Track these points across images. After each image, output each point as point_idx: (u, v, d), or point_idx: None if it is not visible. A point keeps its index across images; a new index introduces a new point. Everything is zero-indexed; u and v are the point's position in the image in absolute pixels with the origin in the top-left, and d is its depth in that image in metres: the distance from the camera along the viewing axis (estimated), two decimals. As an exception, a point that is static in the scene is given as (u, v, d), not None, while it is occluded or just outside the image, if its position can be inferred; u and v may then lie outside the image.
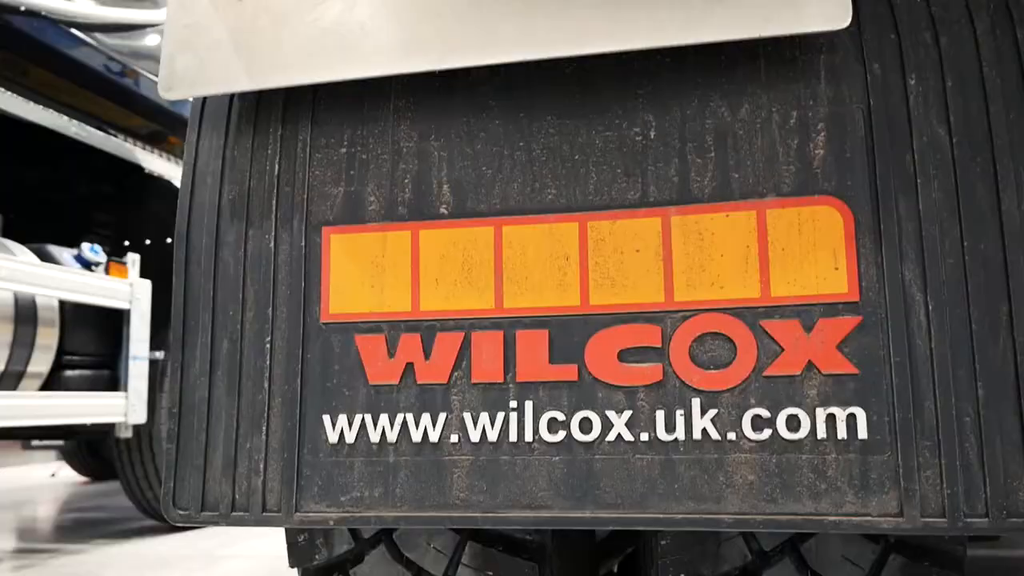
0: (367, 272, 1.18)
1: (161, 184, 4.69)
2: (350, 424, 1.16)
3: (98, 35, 4.24)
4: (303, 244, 1.21)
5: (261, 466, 1.16)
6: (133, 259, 4.24)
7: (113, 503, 5.57)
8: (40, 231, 4.77)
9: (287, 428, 1.17)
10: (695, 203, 1.12)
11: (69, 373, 4.05)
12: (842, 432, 1.03)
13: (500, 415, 1.12)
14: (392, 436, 1.14)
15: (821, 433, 1.04)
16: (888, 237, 1.05)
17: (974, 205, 1.04)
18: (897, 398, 1.02)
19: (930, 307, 1.03)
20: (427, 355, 1.15)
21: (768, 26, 1.05)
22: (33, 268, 3.69)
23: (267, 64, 1.19)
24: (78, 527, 4.91)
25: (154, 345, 4.36)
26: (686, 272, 1.10)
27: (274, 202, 1.23)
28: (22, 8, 3.70)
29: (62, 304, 3.95)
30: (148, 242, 4.74)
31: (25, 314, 3.86)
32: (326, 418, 1.16)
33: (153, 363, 4.37)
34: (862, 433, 1.03)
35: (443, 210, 1.18)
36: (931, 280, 1.04)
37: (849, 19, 1.02)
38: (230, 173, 1.25)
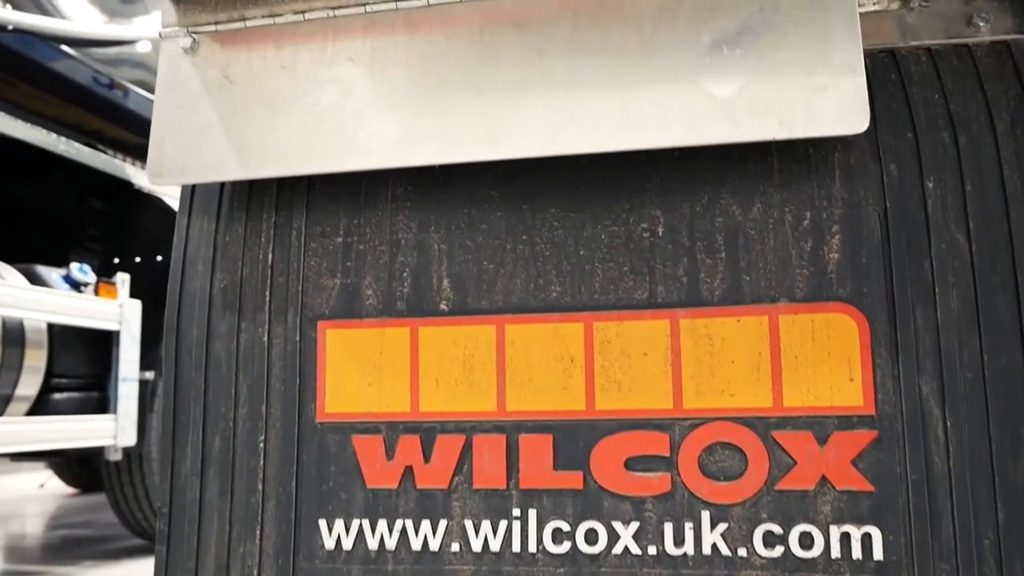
0: (364, 370, 1.14)
1: (151, 200, 4.62)
2: (347, 529, 1.12)
3: (85, 50, 4.17)
4: (298, 338, 1.16)
5: (255, 572, 1.12)
6: (123, 279, 4.18)
7: (101, 519, 5.51)
8: (28, 248, 4.70)
9: (281, 532, 1.13)
10: (705, 306, 1.08)
11: (57, 396, 3.99)
12: (857, 552, 1.00)
13: (503, 523, 1.08)
14: (391, 543, 1.10)
15: (835, 552, 1.00)
16: (905, 348, 1.02)
17: (994, 316, 1.01)
18: (914, 517, 0.99)
19: (948, 423, 1.00)
20: (427, 458, 1.11)
21: (782, 129, 1.01)
22: (21, 292, 3.63)
23: (260, 152, 1.14)
24: (66, 546, 4.86)
25: (144, 365, 4.30)
26: (695, 378, 1.07)
27: (267, 293, 1.18)
28: (9, 27, 3.63)
29: (50, 326, 3.88)
30: (138, 259, 4.67)
31: (13, 336, 3.80)
32: (322, 523, 1.12)
33: (143, 383, 4.32)
34: (878, 553, 0.99)
35: (443, 306, 1.14)
36: (949, 394, 1.00)
37: (866, 124, 0.99)
38: (222, 261, 1.20)
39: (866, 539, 1.00)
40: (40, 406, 3.94)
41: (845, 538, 1.00)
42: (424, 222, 1.17)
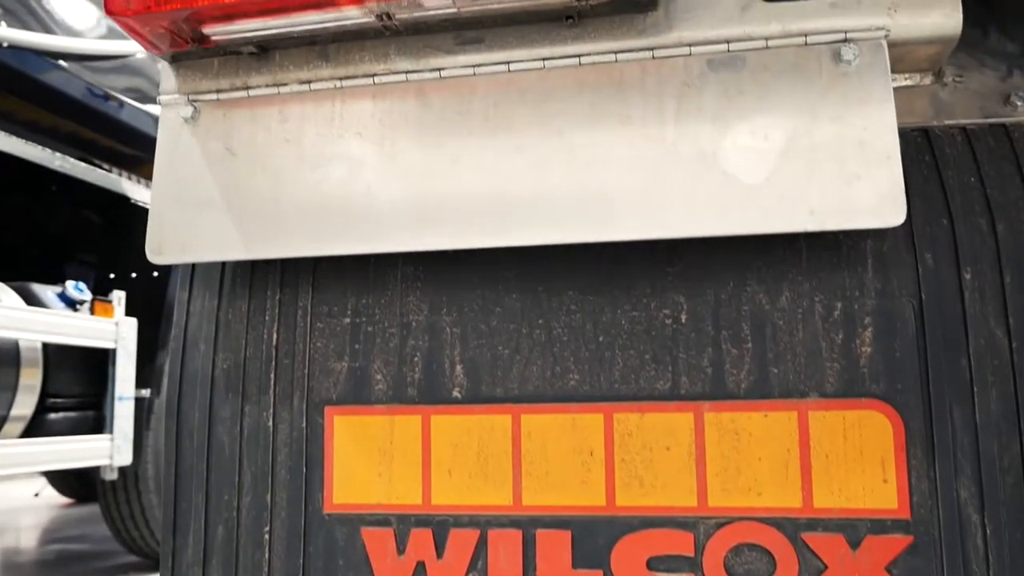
0: (374, 459, 1.09)
1: (147, 214, 4.55)
2: (356, 627, 1.07)
3: (79, 64, 4.11)
4: (304, 425, 1.11)
5: (260, 671, 1.08)
6: (119, 296, 4.13)
7: (96, 532, 5.46)
8: (23, 262, 4.64)
9: (288, 629, 1.08)
10: (731, 399, 1.03)
11: (52, 416, 3.94)
12: (891, 665, 0.96)
13: (519, 624, 1.03)
14: (402, 643, 1.06)
15: (868, 664, 0.96)
16: (942, 449, 0.97)
17: (1035, 417, 0.96)
18: (951, 630, 0.95)
19: (988, 530, 0.95)
20: (440, 553, 1.07)
21: (813, 220, 0.96)
22: (16, 313, 3.58)
23: (264, 231, 1.09)
24: (61, 561, 4.81)
25: (139, 382, 4.26)
26: (721, 475, 1.02)
27: (272, 375, 1.13)
28: (4, 44, 3.56)
29: (46, 345, 3.83)
30: (134, 275, 4.62)
31: (7, 356, 3.74)
32: (330, 620, 1.08)
33: (139, 400, 4.27)
34: (913, 667, 0.95)
35: (456, 393, 1.09)
36: (989, 500, 0.96)
37: (903, 217, 0.94)
38: (224, 340, 1.15)
39: (901, 651, 0.96)
40: (35, 426, 3.89)
41: (879, 650, 0.96)
42: (436, 304, 1.12)
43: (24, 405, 3.87)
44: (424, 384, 1.10)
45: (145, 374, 4.30)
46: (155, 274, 4.51)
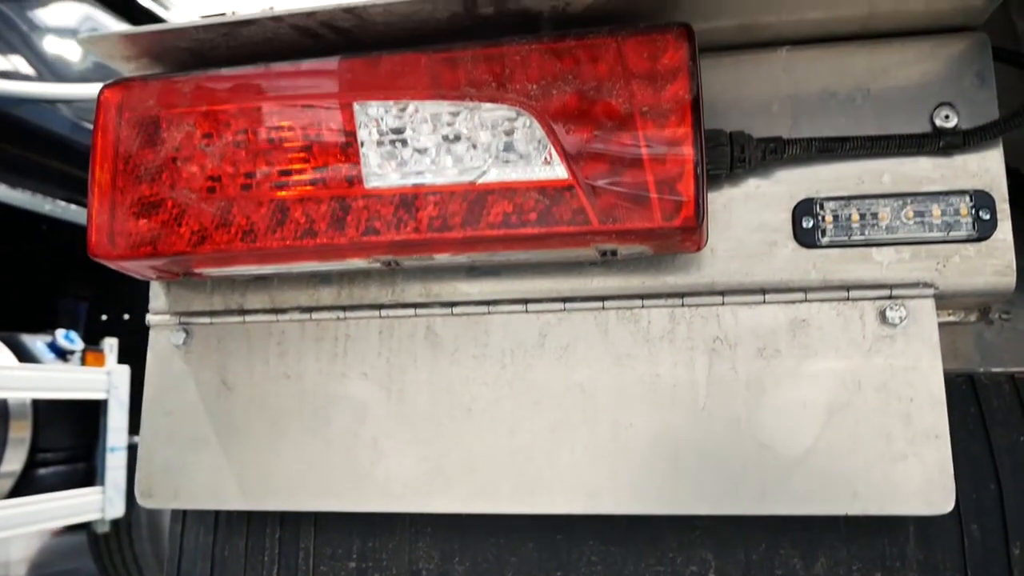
0: None
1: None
2: None
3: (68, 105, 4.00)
4: None
5: None
6: (110, 344, 4.04)
7: (89, 567, 5.39)
8: (13, 305, 4.56)
9: None
10: (763, 676, 0.96)
11: (43, 471, 3.86)
12: None
13: None
14: None
15: None
16: None
17: None
18: None
19: None
20: None
21: (856, 503, 0.89)
22: (5, 372, 3.50)
23: (262, 479, 1.02)
24: (55, 604, 4.74)
25: (132, 429, 4.18)
26: None
27: (272, 626, 1.06)
28: (-6, 96, 3.46)
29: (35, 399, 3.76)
30: (127, 316, 4.53)
31: (-4, 410, 3.67)
32: None
33: (132, 448, 4.20)
34: None
35: (469, 653, 1.03)
36: None
37: (951, 504, 0.87)
38: (220, 580, 1.08)
39: None
40: (25, 482, 3.82)
41: None
42: (447, 552, 1.05)
43: (14, 460, 3.80)
44: (434, 642, 1.04)
45: (138, 421, 4.23)
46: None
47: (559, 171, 0.87)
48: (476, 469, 0.97)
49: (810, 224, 0.95)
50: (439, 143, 0.90)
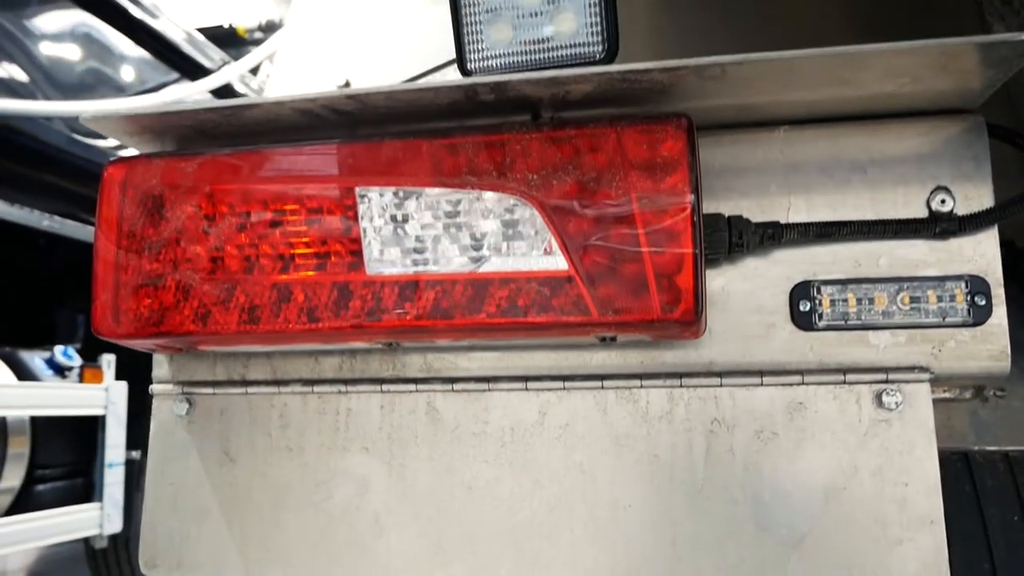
0: None
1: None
2: None
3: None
4: None
5: None
6: (108, 360, 4.05)
7: (87, 577, 5.39)
8: (10, 320, 4.55)
9: None
10: None
11: (41, 487, 3.87)
12: None
13: None
14: None
15: None
16: None
17: None
18: None
19: None
20: None
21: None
22: (4, 390, 3.51)
23: (264, 550, 1.03)
24: (53, 617, 4.75)
25: (130, 443, 4.18)
26: None
27: None
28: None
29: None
30: (124, 330, 4.52)
31: (-6, 426, 3.68)
32: None
33: (129, 463, 4.20)
34: None
35: None
36: None
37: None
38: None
39: None
40: (24, 498, 3.83)
41: None
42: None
43: (12, 477, 3.81)
44: None
45: (136, 434, 4.23)
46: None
47: (559, 262, 0.88)
48: (476, 546, 0.98)
49: (807, 308, 0.96)
50: (440, 231, 0.91)
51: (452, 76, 0.98)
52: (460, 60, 1.00)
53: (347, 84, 1.42)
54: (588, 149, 0.89)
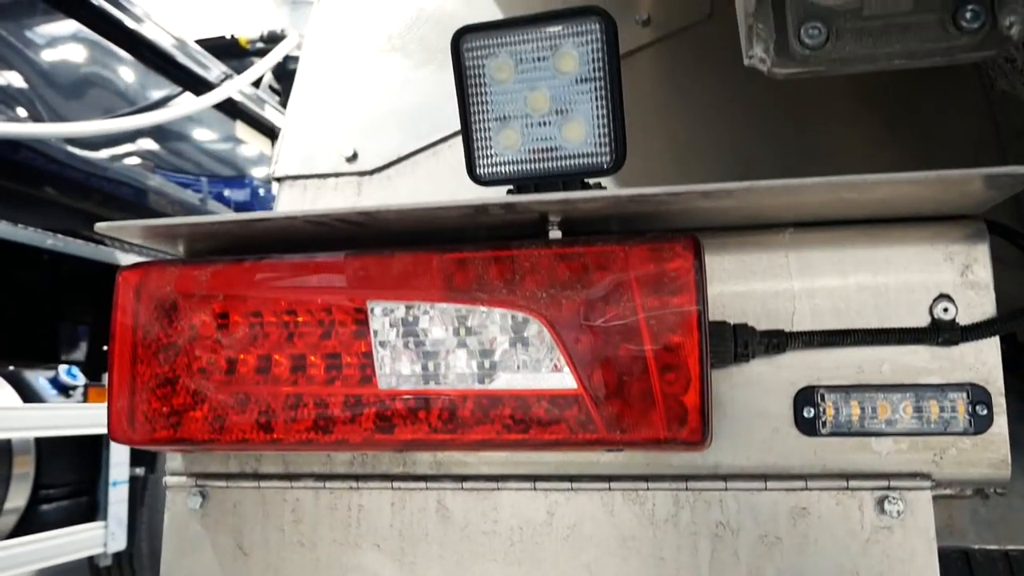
0: None
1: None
2: None
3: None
4: None
5: None
6: (112, 379, 4.06)
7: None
8: (14, 335, 4.57)
9: None
10: None
11: (46, 507, 3.90)
12: None
13: None
14: None
15: None
16: None
17: None
18: None
19: None
20: None
21: None
22: (8, 413, 3.54)
23: (278, 646, 1.05)
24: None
25: (133, 460, 4.21)
26: None
27: None
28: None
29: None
30: (127, 347, 4.54)
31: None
32: None
33: (133, 480, 4.23)
34: None
35: None
36: None
37: None
38: None
39: None
40: (29, 518, 3.85)
41: None
42: None
43: (17, 497, 3.83)
44: None
45: (139, 451, 4.26)
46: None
47: (568, 380, 0.90)
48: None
49: (811, 414, 0.98)
50: (451, 346, 0.92)
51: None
52: (469, 164, 1.01)
53: (355, 156, 1.44)
54: (596, 267, 0.91)
